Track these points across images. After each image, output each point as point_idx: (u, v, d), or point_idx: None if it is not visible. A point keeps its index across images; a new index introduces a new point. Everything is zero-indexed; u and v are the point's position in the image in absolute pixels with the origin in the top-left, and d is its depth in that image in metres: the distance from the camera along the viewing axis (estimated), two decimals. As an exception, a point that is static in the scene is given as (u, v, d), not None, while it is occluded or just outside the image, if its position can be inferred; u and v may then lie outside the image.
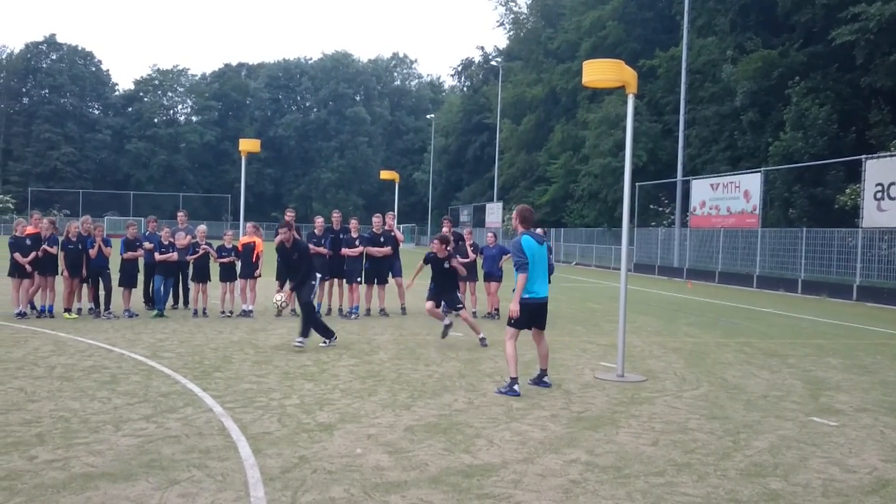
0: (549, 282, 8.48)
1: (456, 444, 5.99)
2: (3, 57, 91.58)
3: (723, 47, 38.11)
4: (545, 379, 8.39)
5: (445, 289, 11.45)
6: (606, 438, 6.32)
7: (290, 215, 12.95)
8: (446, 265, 11.42)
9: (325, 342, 10.68)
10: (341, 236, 14.41)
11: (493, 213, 58.29)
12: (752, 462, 5.78)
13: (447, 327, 11.07)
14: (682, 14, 37.19)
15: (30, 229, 13.50)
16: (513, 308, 7.95)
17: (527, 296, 7.92)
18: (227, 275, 14.21)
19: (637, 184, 36.90)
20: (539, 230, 14.90)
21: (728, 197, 31.67)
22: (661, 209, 40.43)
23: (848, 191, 26.63)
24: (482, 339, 11.18)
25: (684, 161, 37.48)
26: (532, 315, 8.10)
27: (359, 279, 14.45)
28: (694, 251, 33.82)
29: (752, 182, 30.27)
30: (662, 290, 25.27)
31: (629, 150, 9.40)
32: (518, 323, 8.04)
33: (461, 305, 11.51)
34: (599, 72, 9.05)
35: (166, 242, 13.94)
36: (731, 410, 7.49)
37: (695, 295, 23.60)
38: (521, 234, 8.17)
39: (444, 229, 15.23)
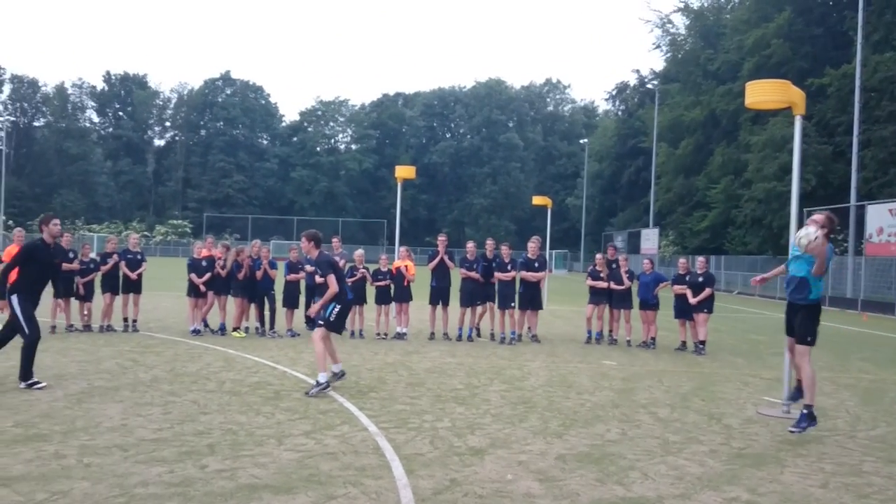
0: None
1: (609, 475, 5.84)
2: (185, 93, 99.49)
3: (902, 63, 35.56)
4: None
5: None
6: (770, 477, 5.97)
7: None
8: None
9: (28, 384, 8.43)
10: (493, 263, 14.46)
11: (649, 239, 56.79)
12: (938, 513, 5.28)
13: (334, 377, 8.86)
14: (856, 29, 35.05)
15: (205, 252, 14.48)
16: None
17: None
18: (383, 298, 14.61)
19: (805, 209, 34.83)
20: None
21: (910, 223, 29.33)
22: (832, 236, 37.99)
23: None
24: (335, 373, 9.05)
25: (858, 185, 35.10)
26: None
27: (513, 304, 14.40)
28: (870, 281, 31.49)
29: (936, 207, 27.90)
30: (833, 323, 23.67)
31: (796, 173, 8.93)
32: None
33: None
34: (763, 93, 8.68)
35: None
36: (914, 455, 6.88)
37: (871, 328, 21.95)
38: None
39: (598, 257, 15.03)
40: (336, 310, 8.88)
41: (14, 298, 8.47)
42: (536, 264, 14.54)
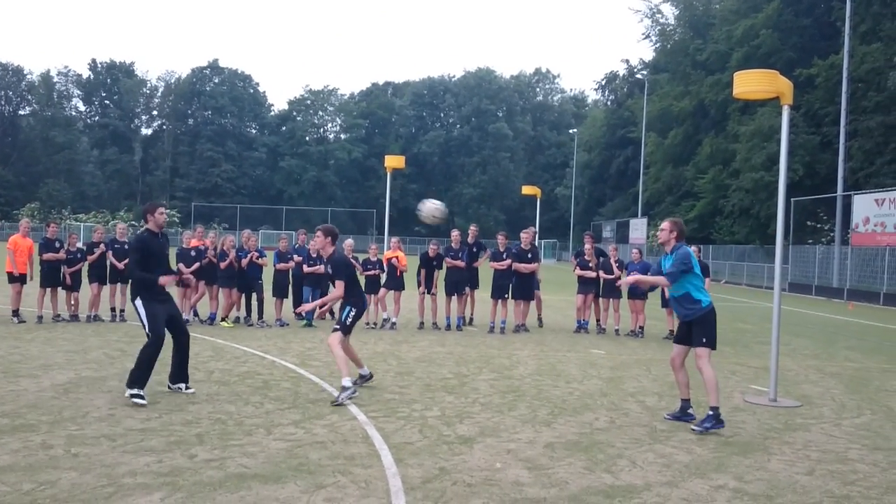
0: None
1: (597, 464, 5.87)
2: (172, 82, 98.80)
3: (889, 53, 35.74)
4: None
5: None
6: (757, 465, 6.01)
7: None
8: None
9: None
10: (475, 249, 14.56)
11: (638, 228, 56.96)
12: (922, 499, 5.33)
13: (354, 386, 8.11)
14: (844, 20, 35.18)
15: (194, 242, 14.42)
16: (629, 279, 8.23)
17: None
18: (373, 287, 14.60)
19: (792, 199, 35.12)
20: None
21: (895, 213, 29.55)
22: (819, 226, 38.24)
23: None
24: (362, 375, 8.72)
25: (845, 175, 35.30)
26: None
27: (506, 295, 14.41)
28: (856, 270, 31.72)
29: (922, 197, 28.12)
30: (820, 312, 23.84)
31: (784, 163, 8.96)
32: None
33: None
34: (752, 83, 8.69)
35: (314, 255, 14.43)
36: (898, 442, 6.95)
37: (856, 317, 22.12)
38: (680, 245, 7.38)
39: (587, 246, 15.06)
40: (353, 313, 8.33)
41: (138, 302, 7.81)
42: (529, 255, 14.55)
